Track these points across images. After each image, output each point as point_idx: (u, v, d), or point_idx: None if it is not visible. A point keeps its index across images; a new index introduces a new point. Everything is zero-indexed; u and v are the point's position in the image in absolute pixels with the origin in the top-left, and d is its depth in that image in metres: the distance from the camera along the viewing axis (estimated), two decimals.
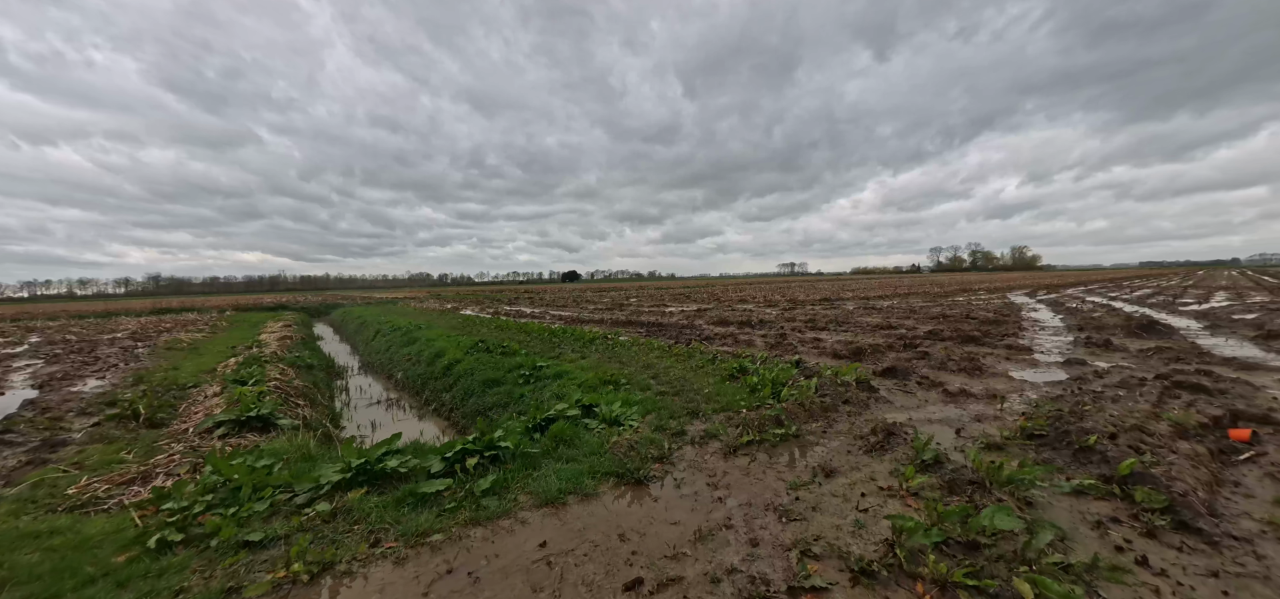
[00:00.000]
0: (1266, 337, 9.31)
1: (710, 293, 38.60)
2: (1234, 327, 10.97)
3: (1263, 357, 7.58)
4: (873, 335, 11.13)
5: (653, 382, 7.58)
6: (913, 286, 39.21)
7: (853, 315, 15.79)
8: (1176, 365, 7.14)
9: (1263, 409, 5.09)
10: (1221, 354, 7.81)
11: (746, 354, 8.95)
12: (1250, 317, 12.97)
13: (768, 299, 27.03)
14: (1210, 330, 10.67)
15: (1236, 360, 7.25)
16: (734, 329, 13.36)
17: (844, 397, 5.66)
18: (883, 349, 9.07)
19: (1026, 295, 24.66)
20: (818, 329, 12.53)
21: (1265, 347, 8.68)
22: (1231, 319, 12.41)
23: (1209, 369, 6.47)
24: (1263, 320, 11.95)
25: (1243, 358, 7.41)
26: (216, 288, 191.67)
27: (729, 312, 19.22)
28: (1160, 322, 10.45)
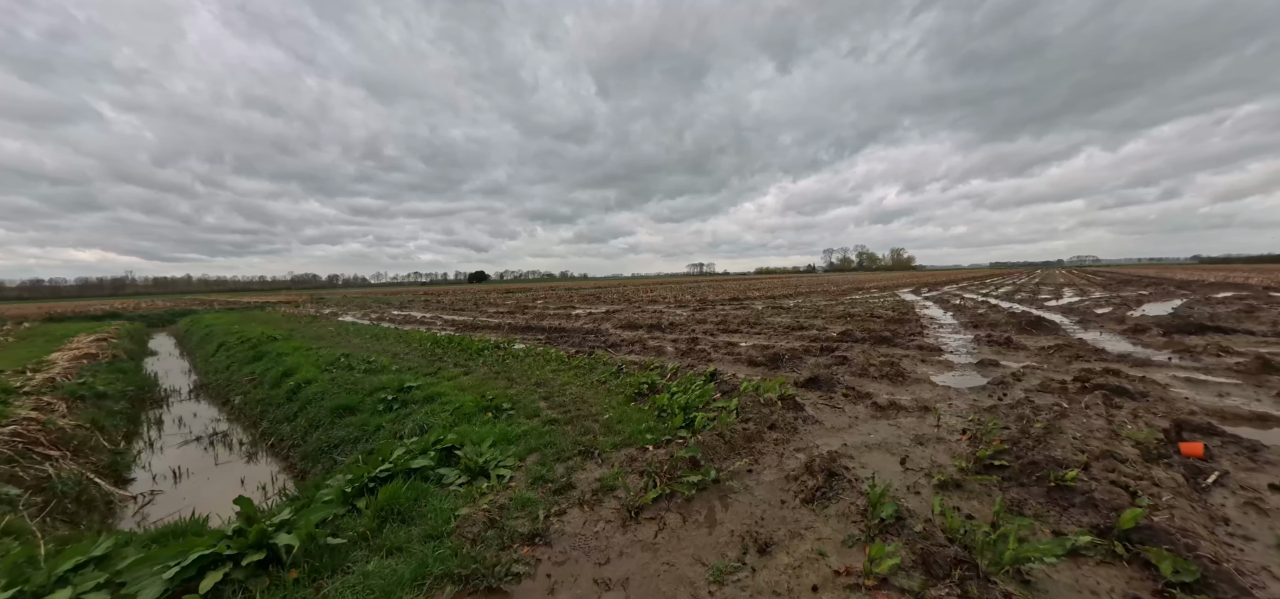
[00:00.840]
0: (1133, 331, 9.91)
1: (621, 293, 37.71)
2: (1100, 321, 11.79)
3: (1145, 352, 7.83)
4: (787, 338, 10.58)
5: (543, 405, 6.23)
6: (811, 286, 41.06)
7: (763, 316, 15.44)
8: (1080, 364, 7.09)
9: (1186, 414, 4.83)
10: (1111, 350, 8.01)
11: (656, 365, 7.88)
12: (1105, 311, 14.26)
13: (678, 299, 26.55)
14: (1083, 325, 11.35)
15: (1129, 357, 7.37)
16: (643, 333, 12.32)
17: (769, 420, 4.70)
18: (800, 353, 8.43)
19: (912, 293, 26.28)
20: (730, 332, 11.84)
21: (1135, 340, 9.16)
22: (1095, 313, 13.52)
23: (1115, 369, 6.38)
24: (1119, 314, 13.09)
25: (1133, 354, 7.57)
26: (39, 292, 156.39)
27: (639, 314, 18.24)
28: (1045, 319, 10.93)
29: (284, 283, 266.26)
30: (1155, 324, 10.03)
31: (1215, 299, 17.17)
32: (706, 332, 11.99)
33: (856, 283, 45.23)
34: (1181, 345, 8.28)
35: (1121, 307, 15.31)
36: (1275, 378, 6.12)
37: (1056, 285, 29.90)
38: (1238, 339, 8.77)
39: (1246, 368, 6.48)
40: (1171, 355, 7.49)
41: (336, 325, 19.32)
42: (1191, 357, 7.32)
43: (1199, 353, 7.47)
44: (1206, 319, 11.12)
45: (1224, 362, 6.95)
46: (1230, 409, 4.91)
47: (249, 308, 40.36)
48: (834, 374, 6.75)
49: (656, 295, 32.07)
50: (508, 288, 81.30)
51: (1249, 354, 7.26)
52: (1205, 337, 9.11)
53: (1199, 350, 7.58)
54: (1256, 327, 10.16)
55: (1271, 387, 5.66)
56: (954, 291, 27.16)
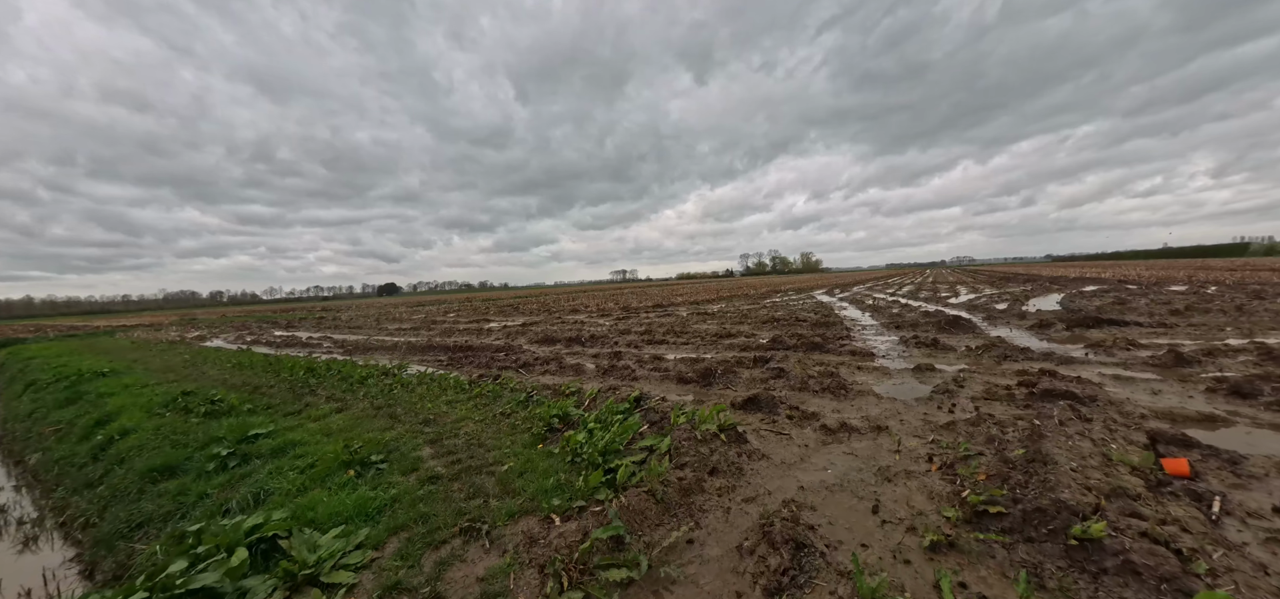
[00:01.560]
0: (1038, 326, 10.22)
1: (541, 303, 35.99)
2: (1005, 317, 12.25)
3: (1063, 349, 7.89)
4: (716, 347, 9.88)
5: (427, 453, 4.93)
6: (732, 289, 41.68)
7: (689, 323, 14.79)
8: (1012, 366, 6.90)
9: (1142, 420, 4.53)
10: (1031, 347, 8.01)
11: (573, 388, 6.77)
12: (1003, 306, 15.07)
13: (601, 308, 25.50)
14: (992, 322, 11.70)
15: (1053, 355, 7.33)
16: (561, 349, 11.14)
17: (709, 462, 3.78)
18: (733, 365, 7.69)
19: (827, 295, 27.10)
20: (656, 342, 10.98)
21: (1044, 335, 9.38)
22: (996, 309, 14.19)
23: (1050, 370, 6.18)
24: (1016, 309, 13.78)
25: (1056, 352, 7.56)
26: None
27: (558, 326, 16.98)
28: (960, 317, 11.12)
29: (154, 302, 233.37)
30: (1055, 318, 10.45)
31: (1087, 292, 18.95)
32: (631, 344, 11.05)
33: (773, 285, 46.63)
34: (1088, 339, 8.50)
35: (1014, 302, 16.31)
36: (1189, 369, 6.18)
37: (949, 283, 32.26)
38: (1130, 330, 9.22)
39: (1162, 361, 6.55)
40: (1087, 351, 7.56)
41: (195, 353, 16.24)
42: (1105, 351, 7.41)
43: (1110, 347, 7.60)
44: (1094, 312, 11.86)
45: (1137, 355, 7.05)
46: (1177, 410, 4.69)
47: (98, 333, 34.10)
48: (774, 391, 6.01)
49: (579, 305, 30.82)
50: (419, 301, 75.93)
51: (1157, 346, 7.47)
52: (1103, 329, 9.52)
53: (1109, 345, 7.73)
54: (1136, 316, 10.90)
55: (1195, 381, 5.62)
56: (863, 292, 28.38)
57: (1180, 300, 13.83)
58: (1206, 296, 14.57)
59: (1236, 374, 5.70)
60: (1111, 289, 19.94)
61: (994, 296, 19.11)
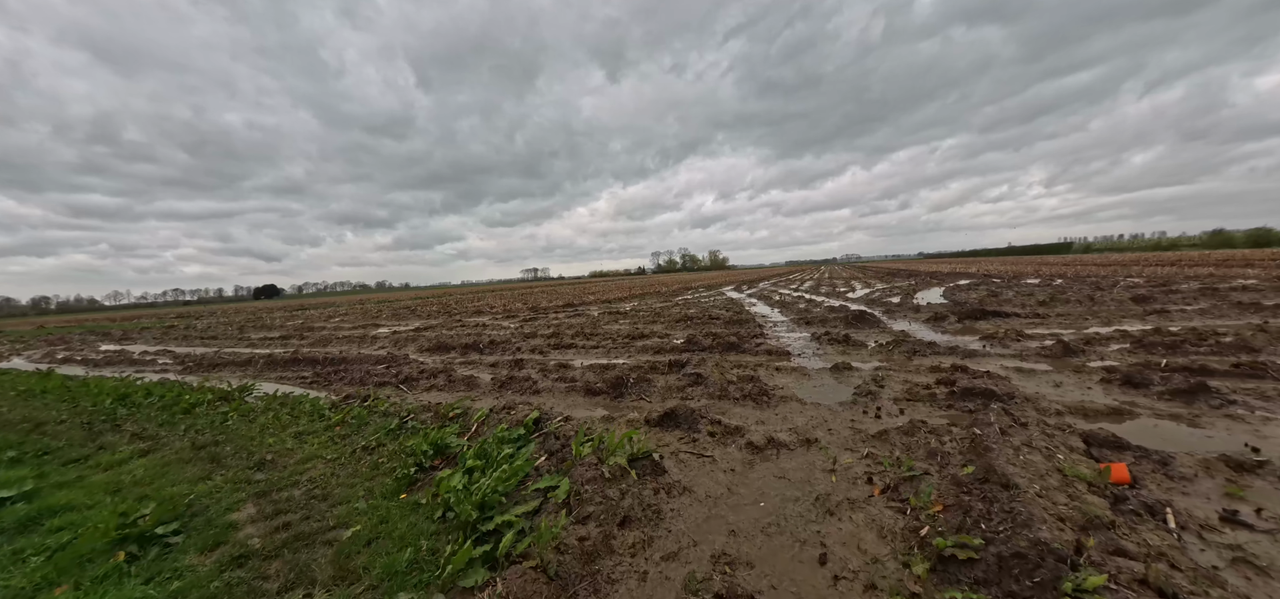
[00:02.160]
0: (934, 319, 10.67)
1: (443, 305, 33.37)
2: (902, 310, 12.79)
3: (961, 341, 8.11)
4: (629, 351, 9.16)
5: (247, 513, 3.70)
6: (645, 287, 41.56)
7: (600, 323, 14.00)
8: (923, 362, 6.87)
9: (1058, 416, 4.42)
10: (936, 341, 8.15)
11: (459, 408, 5.70)
12: (897, 300, 15.92)
13: (508, 309, 23.96)
14: (891, 316, 12.14)
15: (958, 348, 7.45)
16: (455, 358, 9.86)
17: (619, 508, 3.00)
18: (646, 372, 7.01)
19: (736, 291, 27.63)
20: (564, 347, 10.06)
21: (940, 328, 9.75)
22: (891, 303, 14.90)
23: (962, 366, 6.14)
24: (909, 303, 14.54)
25: (960, 345, 7.71)
26: None
27: (457, 329, 15.44)
28: (866, 312, 11.36)
29: None
30: (947, 311, 10.98)
31: (963, 286, 20.80)
32: (536, 348, 10.03)
33: (684, 282, 47.26)
34: (979, 331, 8.88)
35: (905, 296, 17.35)
36: (1077, 359, 6.45)
37: (844, 279, 34.41)
38: (1012, 321, 9.83)
39: (1051, 352, 6.82)
40: (984, 343, 7.79)
41: None
42: (1000, 343, 7.68)
43: (1002, 339, 7.90)
44: (977, 304, 12.73)
45: (1028, 346, 7.35)
46: (1087, 405, 4.67)
47: None
48: (692, 402, 5.38)
49: (484, 305, 28.88)
50: (302, 304, 68.06)
51: (1041, 337, 7.87)
52: (989, 321, 10.09)
53: (1000, 336, 8.04)
54: (1012, 308, 11.79)
55: (1087, 372, 5.80)
56: (770, 287, 29.32)
57: (1040, 292, 15.38)
58: (1058, 288, 16.38)
59: (1120, 364, 5.98)
60: (981, 282, 22.10)
61: (886, 291, 20.35)
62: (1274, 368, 5.19)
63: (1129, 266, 29.17)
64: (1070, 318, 9.90)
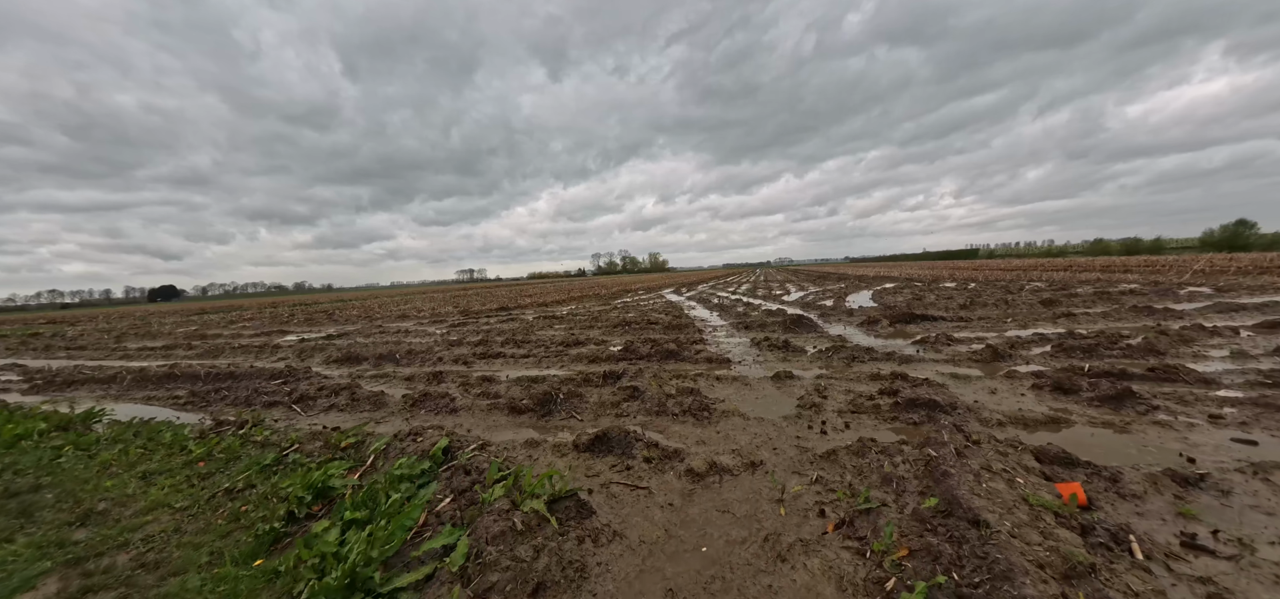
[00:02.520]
0: (868, 323, 10.82)
1: (365, 309, 31.03)
2: (836, 314, 12.98)
3: (896, 345, 8.14)
4: (562, 361, 8.54)
5: (46, 592, 2.80)
6: (584, 289, 40.80)
7: (534, 329, 13.24)
8: (863, 368, 6.76)
9: (1000, 428, 4.30)
10: (873, 346, 8.13)
11: (356, 435, 4.89)
12: (830, 303, 16.27)
13: (436, 313, 22.50)
14: (826, 319, 12.26)
15: (894, 353, 7.42)
16: (366, 370, 8.84)
17: (532, 573, 2.43)
18: (579, 385, 6.44)
19: (675, 294, 27.56)
20: (491, 357, 9.27)
21: (874, 332, 9.87)
22: (825, 305, 15.18)
23: (901, 373, 6.03)
24: (841, 306, 14.86)
25: (896, 351, 7.69)
26: None
27: (376, 336, 14.14)
28: (803, 317, 11.36)
29: None
30: (879, 315, 11.19)
31: (889, 289, 21.76)
32: (460, 359, 9.18)
33: (624, 285, 46.92)
34: (913, 335, 9.02)
35: (838, 299, 17.81)
36: (1006, 364, 6.55)
37: (779, 282, 35.34)
38: (941, 325, 10.12)
39: (981, 357, 6.91)
40: (918, 348, 7.85)
41: None
42: (932, 347, 7.75)
43: (934, 343, 8.00)
44: (905, 307, 13.14)
45: (959, 350, 7.45)
46: (1025, 414, 4.61)
47: None
48: (627, 421, 4.89)
49: (411, 309, 27.07)
50: (203, 307, 61.40)
51: (970, 341, 8.04)
52: (919, 325, 10.33)
53: (932, 340, 8.15)
54: (937, 311, 12.24)
55: (1018, 378, 5.84)
56: (708, 290, 29.50)
57: (958, 296, 16.22)
58: (973, 292, 17.39)
59: (1046, 369, 6.09)
60: (904, 286, 23.25)
61: (819, 294, 20.87)
62: (1185, 371, 5.40)
63: (1028, 271, 31.83)
64: (990, 321, 10.32)
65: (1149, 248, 74.71)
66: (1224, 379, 5.31)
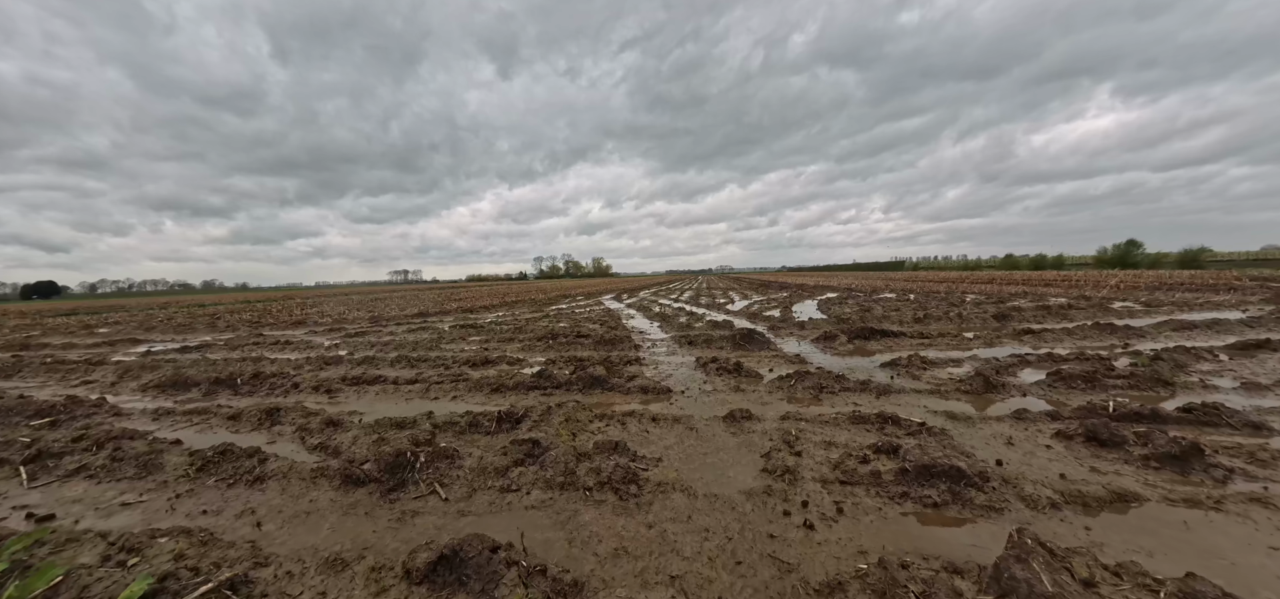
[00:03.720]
0: (825, 339, 9.63)
1: (261, 312, 27.16)
2: (785, 327, 11.79)
3: (867, 369, 6.88)
4: (454, 391, 6.62)
5: None
6: (520, 293, 38.33)
7: (442, 341, 11.17)
8: (833, 401, 5.37)
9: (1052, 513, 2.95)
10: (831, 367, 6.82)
11: (49, 538, 2.88)
12: (776, 313, 15.20)
13: (341, 318, 19.61)
14: (776, 332, 11.03)
15: (869, 383, 6.09)
16: (189, 401, 6.57)
17: None
18: (464, 431, 4.66)
19: (616, 300, 25.95)
20: (367, 382, 7.20)
21: (833, 349, 8.66)
22: (770, 316, 14.04)
23: (891, 414, 4.67)
24: (789, 316, 13.77)
25: (869, 379, 6.38)
26: None
27: (241, 351, 11.56)
28: (753, 331, 9.99)
29: None
30: (836, 330, 10.04)
31: (832, 298, 21.11)
32: (324, 385, 7.06)
33: (564, 289, 44.76)
34: (876, 353, 7.86)
35: (785, 309, 16.81)
36: (1002, 398, 5.38)
37: (722, 289, 34.53)
38: (902, 342, 9.08)
39: (971, 388, 5.72)
40: (890, 373, 6.61)
41: None
42: (908, 373, 6.53)
43: (908, 366, 6.80)
44: (860, 321, 12.17)
45: (939, 376, 6.26)
46: (1078, 486, 3.29)
47: None
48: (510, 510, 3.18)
49: (316, 314, 23.79)
50: (74, 307, 53.01)
51: (948, 363, 6.90)
52: (880, 340, 9.25)
53: (905, 363, 6.96)
54: (890, 324, 11.33)
55: (1033, 422, 4.62)
56: (650, 297, 28.10)
57: (904, 308, 15.61)
58: (916, 303, 16.91)
59: (1054, 404, 4.94)
60: (847, 295, 22.80)
61: (764, 303, 19.90)
62: (1226, 412, 4.35)
63: (958, 283, 32.73)
64: (950, 337, 9.39)
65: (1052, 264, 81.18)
66: (1272, 422, 4.31)
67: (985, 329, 10.40)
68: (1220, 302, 14.89)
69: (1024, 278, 37.83)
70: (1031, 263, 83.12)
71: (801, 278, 60.42)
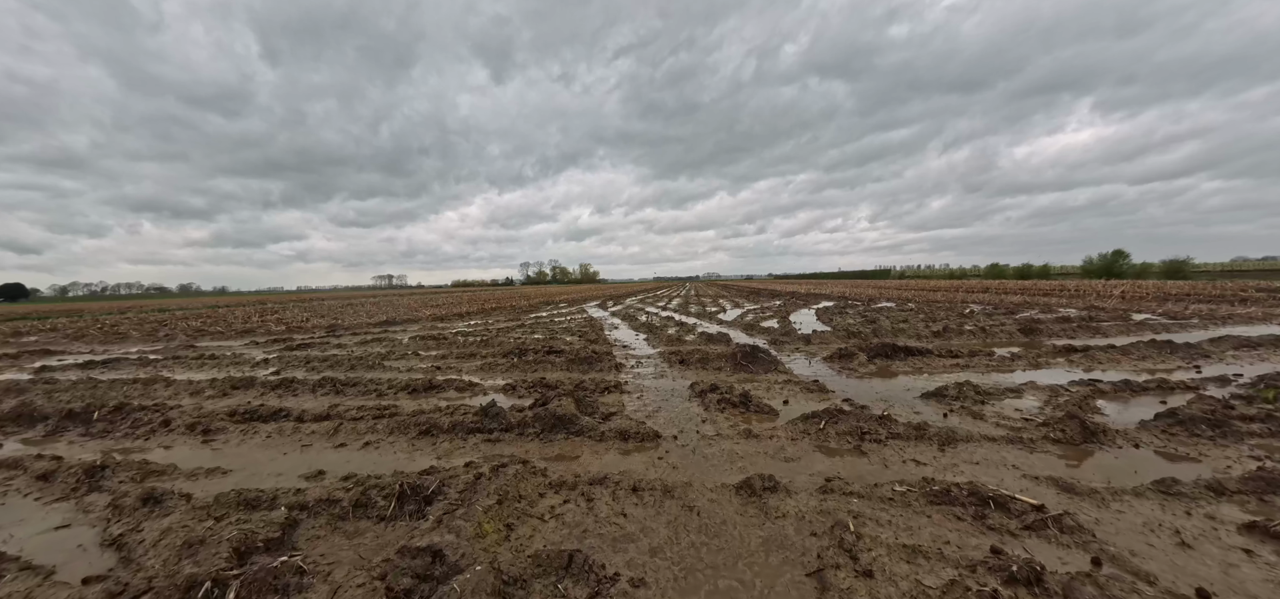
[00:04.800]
0: (839, 358, 8.20)
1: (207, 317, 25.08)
2: (790, 342, 10.35)
3: (902, 399, 5.43)
4: (375, 433, 5.03)
5: None
6: (501, 300, 36.54)
7: (390, 356, 9.53)
8: (886, 456, 3.89)
9: None
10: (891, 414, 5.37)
11: None
12: (774, 324, 13.78)
13: (293, 326, 17.74)
14: (781, 349, 9.58)
15: (925, 427, 4.62)
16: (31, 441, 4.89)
17: None
18: (339, 525, 3.11)
19: (600, 308, 24.41)
20: (263, 418, 5.56)
21: (851, 372, 7.23)
22: (770, 329, 12.60)
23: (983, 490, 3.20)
24: (794, 331, 12.33)
25: (921, 415, 4.91)
26: None
27: (151, 373, 9.82)
28: (759, 350, 8.47)
29: None
30: (853, 348, 8.59)
31: (829, 307, 19.77)
32: (201, 425, 5.40)
33: (548, 295, 43.04)
34: (905, 376, 6.43)
35: (781, 319, 15.40)
36: (1109, 449, 3.95)
37: (711, 297, 33.09)
38: (935, 363, 7.68)
39: (1062, 434, 4.27)
40: (941, 410, 5.17)
41: None
42: (965, 411, 5.09)
43: (960, 400, 5.36)
44: (872, 334, 10.77)
45: (1005, 413, 4.82)
46: None
47: None
48: None
49: (271, 321, 21.83)
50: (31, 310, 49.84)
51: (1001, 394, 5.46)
52: (906, 362, 7.84)
53: (952, 396, 5.51)
54: (910, 340, 9.97)
55: (1181, 495, 3.18)
56: (636, 304, 26.59)
57: (914, 319, 14.29)
58: (928, 314, 15.63)
59: (1235, 484, 3.52)
60: (844, 304, 21.52)
61: (758, 312, 18.49)
62: None
63: (954, 292, 31.71)
64: (985, 357, 8.01)
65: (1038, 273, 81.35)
66: None
67: (1017, 345, 9.07)
68: (1249, 315, 13.80)
69: (1020, 287, 37.02)
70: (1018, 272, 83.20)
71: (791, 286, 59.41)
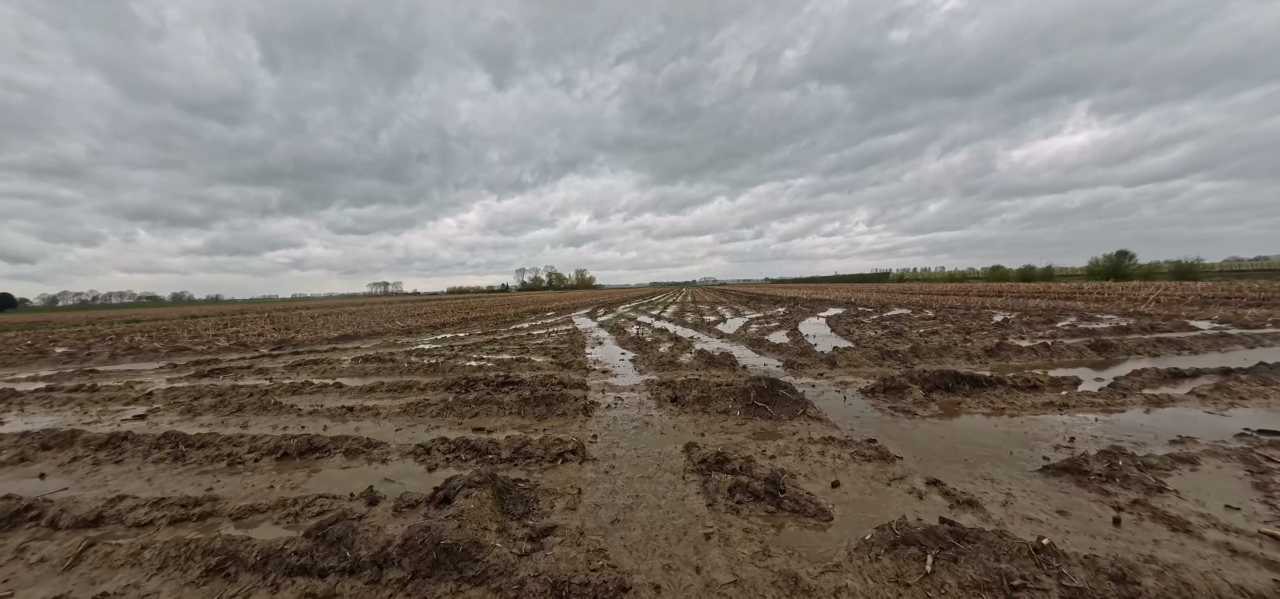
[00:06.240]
0: (886, 392, 6.21)
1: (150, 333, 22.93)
2: (811, 365, 8.35)
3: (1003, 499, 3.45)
4: (138, 562, 3.01)
5: None
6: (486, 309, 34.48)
7: (299, 394, 7.50)
8: None
9: None
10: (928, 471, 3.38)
11: None
12: (784, 339, 11.79)
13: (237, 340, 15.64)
14: (794, 373, 7.59)
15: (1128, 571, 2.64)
16: None
17: None
18: None
19: (588, 317, 22.38)
20: (15, 514, 3.55)
21: (909, 417, 5.24)
22: (776, 343, 10.61)
23: None
24: (810, 347, 10.33)
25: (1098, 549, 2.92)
26: None
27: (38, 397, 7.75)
28: (778, 381, 6.41)
29: None
30: (901, 377, 6.58)
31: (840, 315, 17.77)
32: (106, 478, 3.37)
33: (538, 303, 40.96)
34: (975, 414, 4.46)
35: (790, 331, 13.39)
36: None
37: (709, 304, 31.06)
38: (1001, 394, 5.70)
39: None
40: (1114, 506, 3.18)
41: None
42: (1144, 507, 3.10)
43: (1109, 480, 3.38)
44: (912, 353, 8.78)
45: (1213, 515, 2.85)
46: None
47: None
48: None
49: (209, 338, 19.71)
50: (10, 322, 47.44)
51: (1185, 463, 3.48)
52: (972, 394, 5.87)
53: (1097, 475, 3.53)
54: (962, 360, 8.01)
55: None
56: (629, 312, 24.60)
57: (945, 331, 12.34)
58: (954, 322, 13.68)
59: None
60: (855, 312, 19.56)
61: (762, 323, 16.49)
62: None
63: (966, 296, 29.83)
64: (1069, 388, 6.04)
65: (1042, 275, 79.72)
66: None
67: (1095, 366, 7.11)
68: None
69: (1034, 290, 35.19)
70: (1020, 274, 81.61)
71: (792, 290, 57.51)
